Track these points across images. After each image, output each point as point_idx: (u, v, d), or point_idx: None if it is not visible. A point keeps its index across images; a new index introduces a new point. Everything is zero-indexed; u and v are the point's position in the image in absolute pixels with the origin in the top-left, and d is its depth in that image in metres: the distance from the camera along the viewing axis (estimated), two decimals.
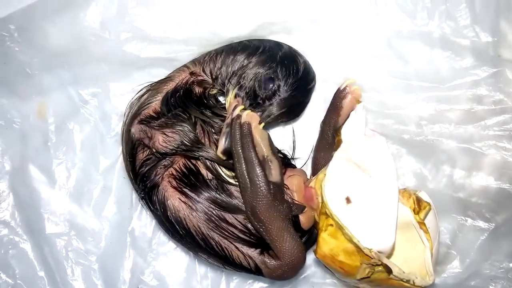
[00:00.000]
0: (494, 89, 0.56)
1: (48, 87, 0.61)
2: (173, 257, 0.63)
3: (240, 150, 0.48)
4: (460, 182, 0.59)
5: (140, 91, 0.58)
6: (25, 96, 0.61)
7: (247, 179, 0.48)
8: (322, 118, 0.58)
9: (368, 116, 0.58)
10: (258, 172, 0.47)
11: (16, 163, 0.61)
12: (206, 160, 0.52)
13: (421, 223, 0.49)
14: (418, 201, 0.51)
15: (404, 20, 0.56)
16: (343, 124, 0.56)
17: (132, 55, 0.59)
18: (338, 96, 0.56)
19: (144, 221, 0.64)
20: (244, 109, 0.50)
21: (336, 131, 0.57)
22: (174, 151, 0.52)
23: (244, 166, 0.48)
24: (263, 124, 0.50)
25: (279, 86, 0.56)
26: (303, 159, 0.61)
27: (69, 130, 0.63)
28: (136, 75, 0.62)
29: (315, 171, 0.59)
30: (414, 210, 0.50)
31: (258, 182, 0.47)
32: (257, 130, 0.49)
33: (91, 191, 0.63)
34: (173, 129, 0.53)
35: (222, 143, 0.49)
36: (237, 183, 0.51)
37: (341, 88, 0.56)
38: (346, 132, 0.55)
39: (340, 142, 0.55)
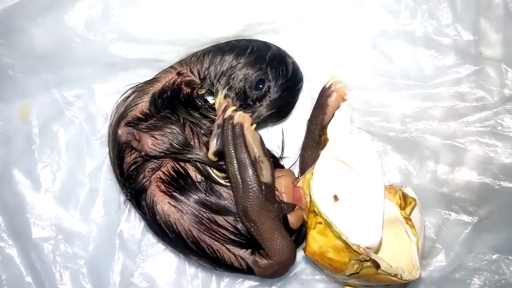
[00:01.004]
0: (476, 87, 0.57)
1: (31, 90, 0.60)
2: (162, 258, 0.63)
3: (233, 151, 0.48)
4: (444, 177, 0.59)
5: (125, 92, 0.58)
6: (8, 99, 0.60)
7: (239, 180, 0.48)
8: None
9: (354, 114, 0.58)
10: (251, 173, 0.47)
11: None
12: (196, 162, 0.52)
13: (407, 219, 0.50)
14: (404, 197, 0.52)
15: (388, 19, 0.57)
16: (329, 122, 0.56)
17: (118, 56, 0.58)
18: (323, 95, 0.56)
19: (132, 223, 0.63)
20: (235, 110, 0.50)
21: (322, 129, 0.57)
22: (163, 154, 0.52)
23: (236, 167, 0.48)
24: (255, 125, 0.50)
25: (269, 87, 0.55)
26: (291, 158, 0.62)
27: (54, 133, 0.62)
28: (121, 76, 0.61)
29: (302, 170, 0.59)
30: (400, 206, 0.51)
31: (250, 183, 0.47)
32: (249, 131, 0.49)
33: (77, 194, 0.62)
34: (162, 131, 0.52)
35: (214, 144, 0.49)
36: (227, 184, 0.51)
37: (326, 87, 0.56)
38: (331, 130, 0.55)
39: (326, 140, 0.55)
